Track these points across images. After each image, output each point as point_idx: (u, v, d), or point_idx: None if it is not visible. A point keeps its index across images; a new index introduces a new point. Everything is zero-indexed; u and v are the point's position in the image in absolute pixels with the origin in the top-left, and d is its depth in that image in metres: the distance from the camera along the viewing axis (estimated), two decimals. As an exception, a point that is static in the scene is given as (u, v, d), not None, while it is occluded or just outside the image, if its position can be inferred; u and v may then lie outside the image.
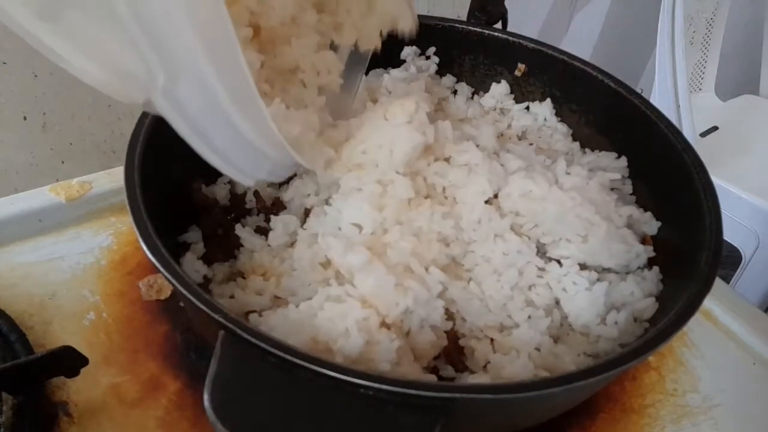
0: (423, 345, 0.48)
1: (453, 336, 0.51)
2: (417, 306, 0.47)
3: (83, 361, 0.50)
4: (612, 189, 0.60)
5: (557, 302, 0.52)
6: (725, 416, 0.56)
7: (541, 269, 0.53)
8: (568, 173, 0.58)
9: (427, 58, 0.70)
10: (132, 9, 0.33)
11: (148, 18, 0.33)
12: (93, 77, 0.36)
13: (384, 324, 0.46)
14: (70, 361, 0.50)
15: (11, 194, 0.66)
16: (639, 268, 0.55)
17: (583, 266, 0.53)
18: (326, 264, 0.51)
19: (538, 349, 0.49)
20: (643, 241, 0.57)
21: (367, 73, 0.68)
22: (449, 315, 0.51)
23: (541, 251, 0.54)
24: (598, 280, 0.53)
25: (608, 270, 0.54)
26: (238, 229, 0.56)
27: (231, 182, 0.61)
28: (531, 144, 0.66)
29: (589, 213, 0.53)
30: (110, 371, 0.54)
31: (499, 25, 0.75)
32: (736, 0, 1.43)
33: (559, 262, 0.54)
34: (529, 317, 0.51)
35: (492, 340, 0.51)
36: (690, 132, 1.24)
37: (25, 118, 1.04)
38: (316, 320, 0.44)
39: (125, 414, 0.51)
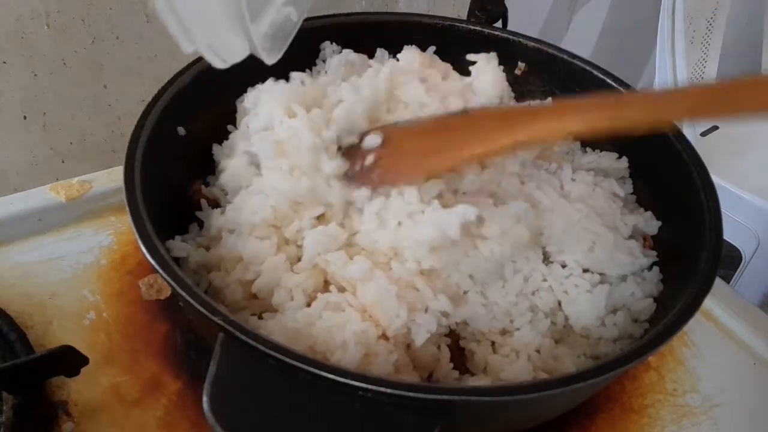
0: (425, 358, 0.47)
1: (454, 338, 0.51)
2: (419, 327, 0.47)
3: (83, 360, 0.50)
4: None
5: (558, 304, 0.52)
6: (725, 416, 0.56)
7: (546, 275, 0.53)
8: (574, 179, 0.58)
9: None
10: None
11: None
12: None
13: (384, 336, 0.45)
14: (70, 361, 0.50)
15: (11, 194, 0.66)
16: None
17: (585, 269, 0.53)
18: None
19: (538, 351, 0.49)
20: (644, 241, 0.57)
21: (371, 57, 0.67)
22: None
23: (545, 256, 0.54)
24: (600, 282, 0.52)
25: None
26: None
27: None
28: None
29: (595, 225, 0.53)
30: (110, 371, 0.54)
31: (499, 24, 0.75)
32: (736, 0, 1.43)
33: (561, 264, 0.54)
34: (531, 321, 0.51)
35: (493, 342, 0.51)
36: (690, 132, 1.24)
37: (25, 118, 1.04)
38: (314, 329, 0.44)
39: (125, 414, 0.51)
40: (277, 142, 0.52)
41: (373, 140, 0.51)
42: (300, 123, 0.51)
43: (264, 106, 0.56)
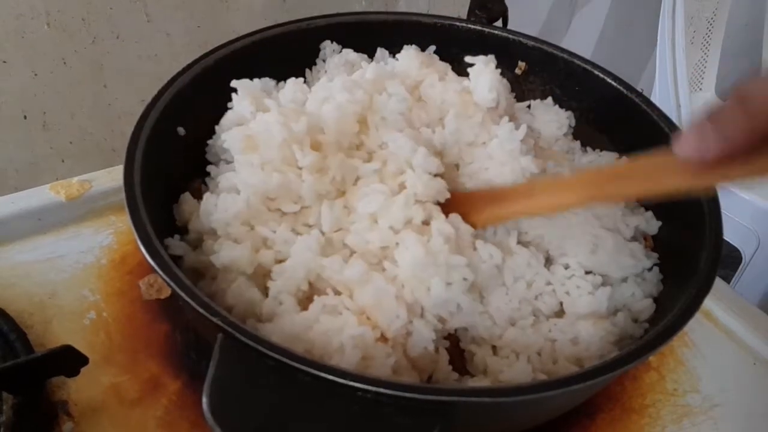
0: (423, 360, 0.47)
1: (453, 340, 0.51)
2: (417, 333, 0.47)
3: (83, 360, 0.50)
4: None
5: (560, 305, 0.52)
6: (725, 416, 0.56)
7: (549, 279, 0.52)
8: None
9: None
10: None
11: None
12: None
13: (382, 338, 0.45)
14: (70, 361, 0.50)
15: (11, 193, 0.66)
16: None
17: (588, 271, 0.53)
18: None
19: (539, 354, 0.49)
20: (644, 241, 0.57)
21: (371, 56, 0.67)
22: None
23: (548, 259, 0.54)
24: (602, 284, 0.52)
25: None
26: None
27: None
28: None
29: (595, 228, 0.53)
30: (110, 371, 0.54)
31: (499, 23, 0.75)
32: (736, 0, 1.43)
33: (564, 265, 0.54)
34: (532, 324, 0.51)
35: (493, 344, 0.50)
36: (690, 131, 1.24)
37: (25, 118, 1.04)
38: (311, 333, 0.44)
39: (125, 414, 0.51)
40: (247, 136, 0.52)
41: None
42: (272, 117, 0.51)
43: (238, 101, 0.56)
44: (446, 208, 0.52)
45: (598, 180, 0.48)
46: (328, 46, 0.67)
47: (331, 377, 0.36)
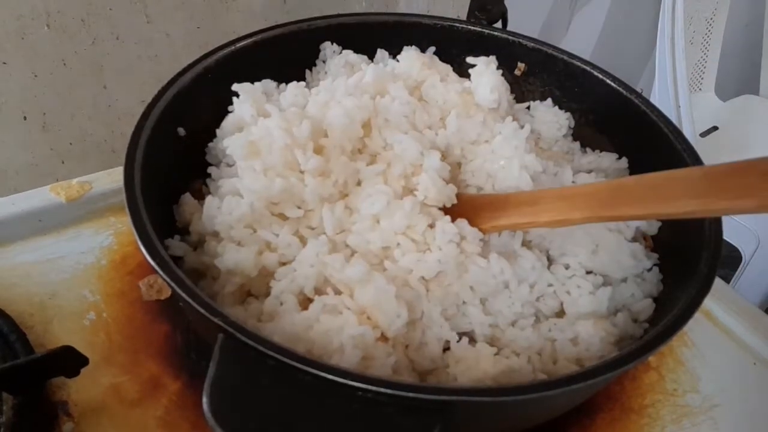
0: (425, 361, 0.47)
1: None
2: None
3: (83, 361, 0.50)
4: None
5: (561, 304, 0.52)
6: (725, 416, 0.56)
7: (551, 281, 0.52)
8: (574, 182, 0.58)
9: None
10: None
11: None
12: None
13: (382, 337, 0.45)
14: (70, 361, 0.50)
15: (11, 194, 0.66)
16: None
17: (588, 271, 0.53)
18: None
19: (539, 354, 0.49)
20: (644, 241, 0.57)
21: (371, 57, 0.67)
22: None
23: (549, 259, 0.54)
24: (602, 284, 0.52)
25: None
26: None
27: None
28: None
29: (597, 228, 0.53)
30: (110, 371, 0.54)
31: (498, 25, 0.75)
32: (736, 0, 1.43)
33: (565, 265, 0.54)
34: (533, 325, 0.51)
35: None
36: (690, 132, 1.24)
37: (25, 118, 1.04)
38: (311, 333, 0.44)
39: (125, 414, 0.51)
40: (250, 142, 0.52)
41: None
42: (274, 122, 0.51)
43: (239, 105, 0.56)
44: (450, 211, 0.52)
45: (605, 199, 0.46)
46: (328, 47, 0.67)
47: (331, 377, 0.36)
